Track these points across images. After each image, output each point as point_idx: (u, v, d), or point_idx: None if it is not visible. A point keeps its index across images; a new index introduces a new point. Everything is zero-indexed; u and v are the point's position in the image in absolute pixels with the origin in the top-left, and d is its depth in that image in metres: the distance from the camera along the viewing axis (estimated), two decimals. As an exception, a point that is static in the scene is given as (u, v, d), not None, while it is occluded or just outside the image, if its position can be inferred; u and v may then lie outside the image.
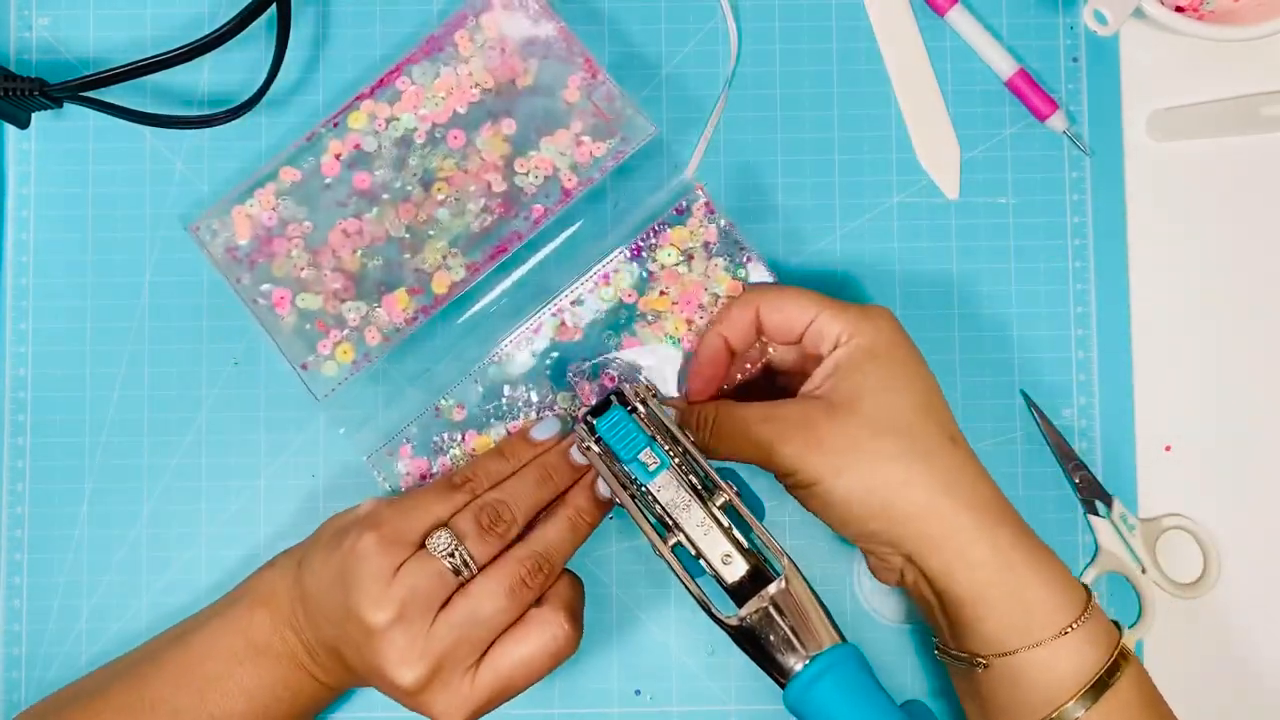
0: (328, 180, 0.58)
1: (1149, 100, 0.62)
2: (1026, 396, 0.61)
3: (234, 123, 0.59)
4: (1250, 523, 0.61)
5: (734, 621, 0.48)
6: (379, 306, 0.57)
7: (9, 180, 0.61)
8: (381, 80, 0.58)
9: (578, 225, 0.60)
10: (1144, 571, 0.60)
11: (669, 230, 0.58)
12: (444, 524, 0.51)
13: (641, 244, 0.58)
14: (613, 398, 0.53)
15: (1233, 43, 0.58)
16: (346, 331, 0.57)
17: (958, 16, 0.61)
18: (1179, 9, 0.60)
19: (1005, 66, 0.61)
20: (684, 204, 0.58)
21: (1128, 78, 0.62)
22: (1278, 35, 0.57)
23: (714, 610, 0.49)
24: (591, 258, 0.59)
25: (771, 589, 0.48)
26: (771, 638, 0.48)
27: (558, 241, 0.60)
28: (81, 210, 0.61)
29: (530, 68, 0.58)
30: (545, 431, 0.55)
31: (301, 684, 0.53)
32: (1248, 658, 0.60)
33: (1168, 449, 0.61)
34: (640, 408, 0.53)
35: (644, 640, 0.60)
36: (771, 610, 0.48)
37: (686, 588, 0.50)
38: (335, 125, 0.58)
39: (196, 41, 0.56)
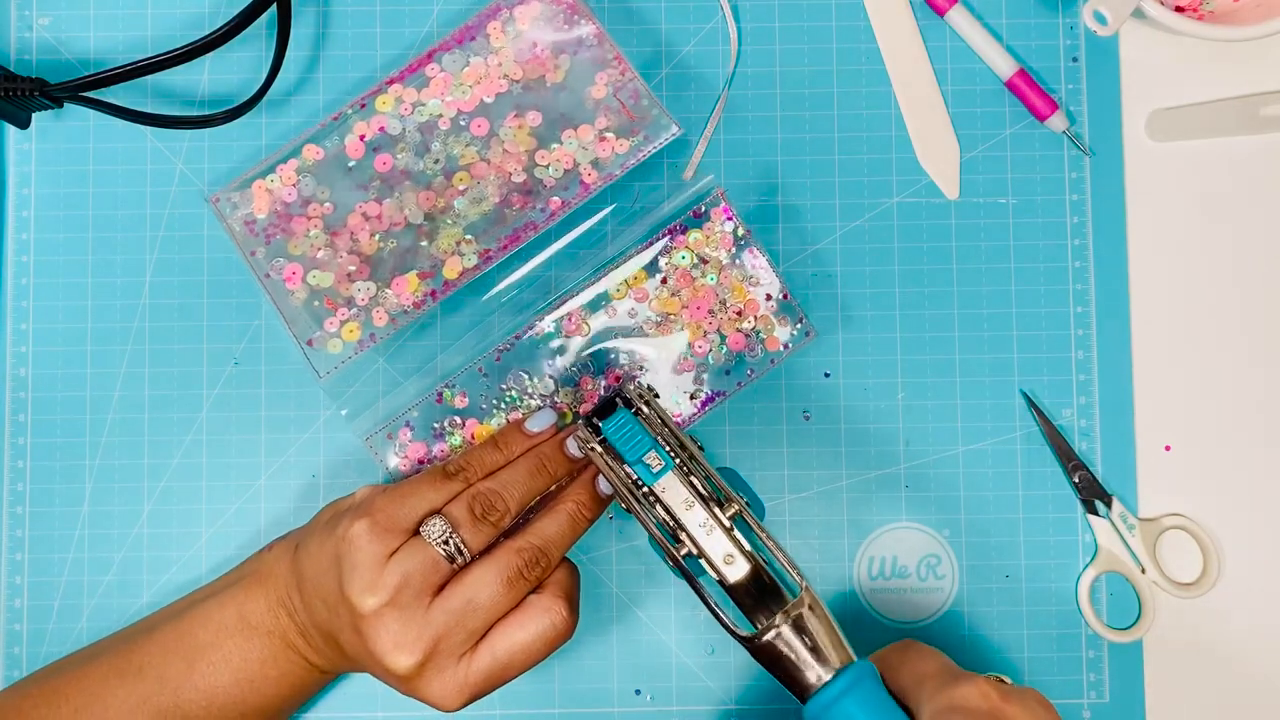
0: (351, 162, 0.58)
1: (1149, 100, 0.62)
2: (1026, 396, 0.61)
3: (234, 123, 0.59)
4: (1250, 523, 0.61)
5: (754, 639, 0.49)
6: (389, 288, 0.58)
7: (9, 180, 0.61)
8: (411, 66, 0.59)
9: (591, 221, 0.60)
10: (1144, 571, 0.60)
11: (685, 233, 0.58)
12: (438, 511, 0.52)
13: (656, 244, 0.58)
14: (617, 400, 0.53)
15: (1233, 43, 0.58)
16: (354, 311, 0.57)
17: (958, 16, 0.61)
18: (1179, 9, 0.60)
19: (1005, 66, 0.61)
20: (702, 208, 0.58)
21: (1128, 78, 0.62)
22: (1278, 35, 0.57)
23: (733, 626, 0.49)
24: (604, 255, 0.59)
25: (790, 607, 0.49)
26: (791, 655, 0.49)
27: (570, 236, 0.60)
28: (81, 210, 0.61)
29: (561, 64, 0.58)
30: (540, 423, 0.55)
31: (291, 664, 0.54)
32: (1248, 658, 0.60)
33: (1168, 449, 0.61)
34: (644, 409, 0.53)
35: (644, 640, 0.60)
36: (791, 629, 0.49)
37: (704, 602, 0.50)
38: (362, 107, 0.59)
39: (196, 41, 0.56)
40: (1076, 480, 0.60)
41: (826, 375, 0.61)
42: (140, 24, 0.62)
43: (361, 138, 0.58)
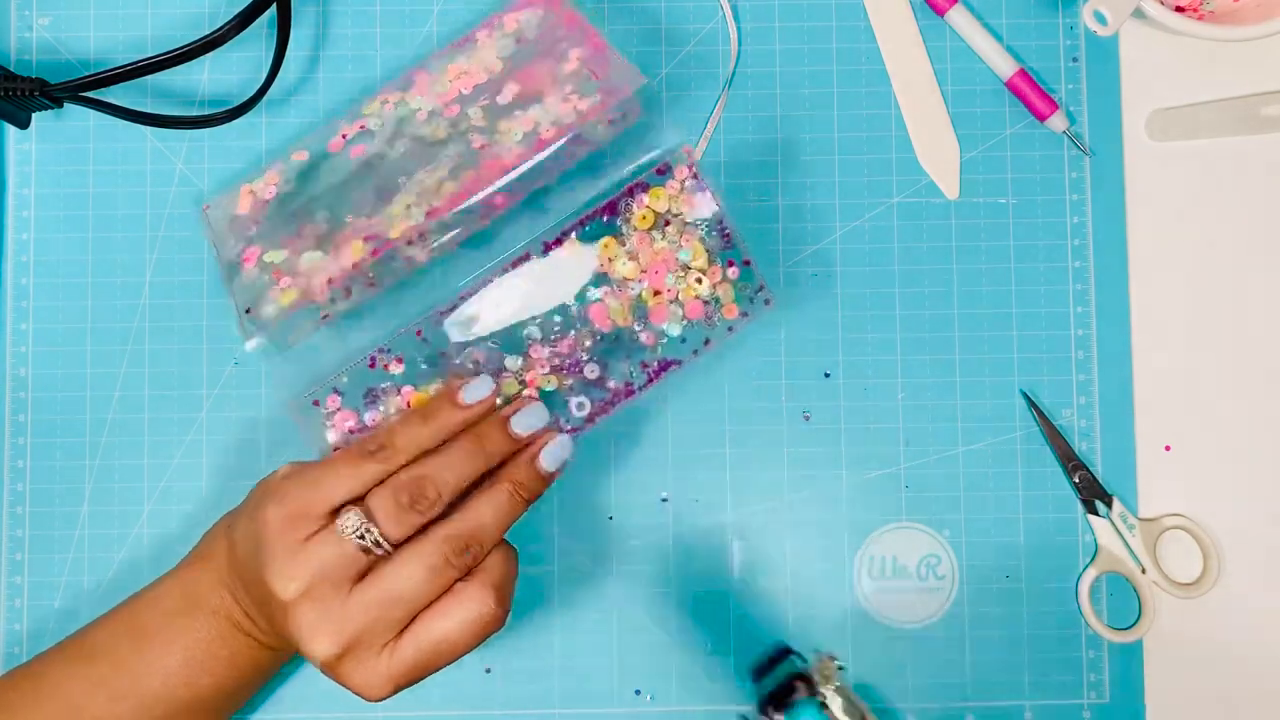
0: (330, 157, 0.58)
1: (1149, 100, 0.62)
2: (1027, 396, 0.61)
3: (234, 123, 0.59)
4: (1250, 523, 0.61)
5: None
6: (332, 253, 0.55)
7: (9, 180, 0.61)
8: (406, 79, 0.60)
9: (559, 192, 0.59)
10: (1144, 571, 0.60)
11: (646, 191, 0.55)
12: (358, 499, 0.49)
13: (617, 204, 0.55)
14: (798, 683, 0.48)
15: (1233, 43, 0.58)
16: (296, 278, 0.55)
17: (958, 16, 0.61)
18: (1179, 9, 0.60)
19: (1005, 66, 0.61)
20: (666, 164, 0.55)
21: (1128, 78, 0.62)
22: (1278, 35, 0.57)
23: None
24: (562, 213, 0.57)
25: None
26: None
27: (556, 220, 0.59)
28: (81, 210, 0.61)
29: (547, 68, 0.58)
30: (477, 393, 0.51)
31: (240, 643, 0.53)
32: (1248, 657, 0.60)
33: (1168, 449, 0.61)
34: (836, 698, 0.47)
35: (644, 640, 0.60)
36: None
37: None
38: (354, 121, 0.59)
39: (196, 41, 0.56)
40: (1076, 480, 0.60)
41: (826, 375, 0.61)
42: (140, 24, 0.62)
43: (343, 136, 0.59)
